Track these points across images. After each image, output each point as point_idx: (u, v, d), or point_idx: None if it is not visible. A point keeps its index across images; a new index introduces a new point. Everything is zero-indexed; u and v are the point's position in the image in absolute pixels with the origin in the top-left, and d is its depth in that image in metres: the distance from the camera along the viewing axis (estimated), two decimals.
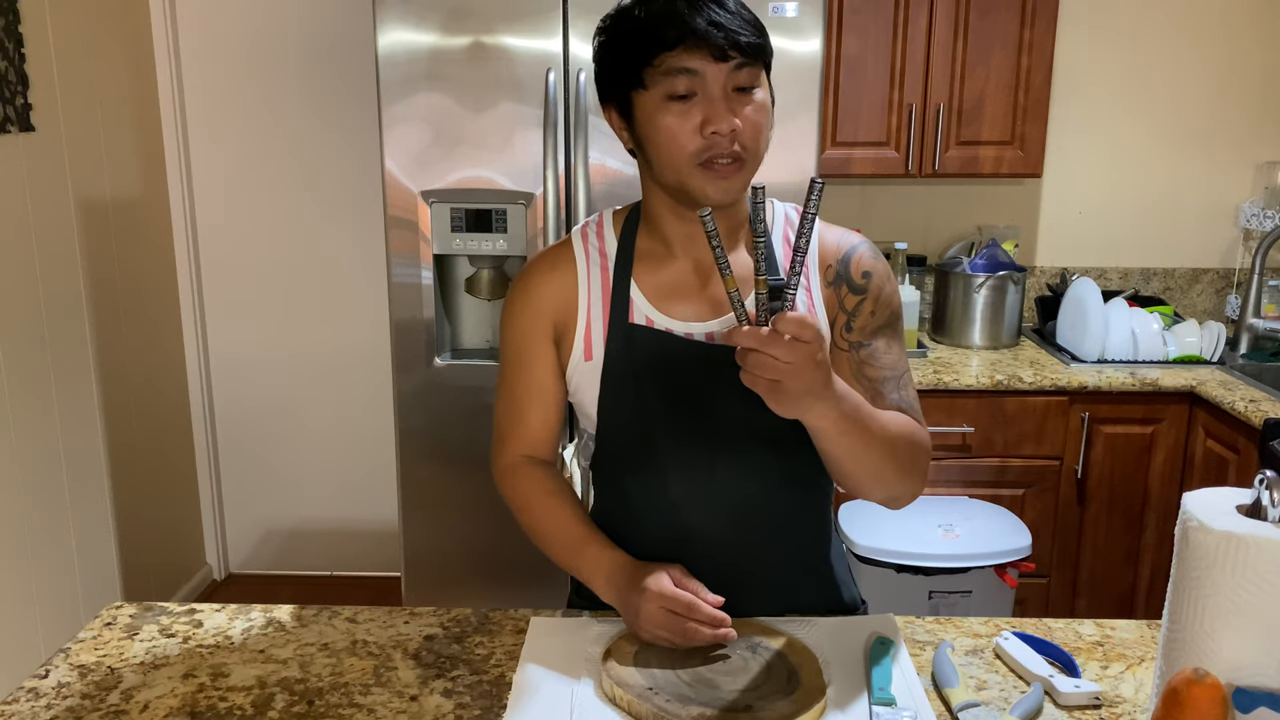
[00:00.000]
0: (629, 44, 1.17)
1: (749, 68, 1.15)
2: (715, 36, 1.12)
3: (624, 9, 1.19)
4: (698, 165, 1.16)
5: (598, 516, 1.34)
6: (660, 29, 1.13)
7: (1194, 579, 0.96)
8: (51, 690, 1.15)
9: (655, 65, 1.14)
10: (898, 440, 1.17)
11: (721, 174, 1.17)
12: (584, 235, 1.31)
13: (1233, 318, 3.12)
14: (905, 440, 1.19)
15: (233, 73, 3.19)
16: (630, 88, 1.18)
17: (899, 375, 1.27)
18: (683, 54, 1.13)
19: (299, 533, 3.53)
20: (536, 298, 1.29)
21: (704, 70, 1.13)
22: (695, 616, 1.14)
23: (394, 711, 1.11)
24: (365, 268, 3.26)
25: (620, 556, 1.23)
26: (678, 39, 1.12)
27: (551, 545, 1.29)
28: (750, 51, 1.14)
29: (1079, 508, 2.71)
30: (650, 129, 1.18)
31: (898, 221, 3.21)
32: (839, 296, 1.27)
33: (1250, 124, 3.15)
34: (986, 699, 1.13)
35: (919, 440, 1.23)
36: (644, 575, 1.18)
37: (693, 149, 1.16)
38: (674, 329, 1.25)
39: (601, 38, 1.21)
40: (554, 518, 1.30)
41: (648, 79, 1.15)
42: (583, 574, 1.26)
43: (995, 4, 2.74)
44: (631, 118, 1.20)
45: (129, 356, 3.03)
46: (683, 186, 1.19)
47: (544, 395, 1.31)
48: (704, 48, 1.12)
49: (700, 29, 1.12)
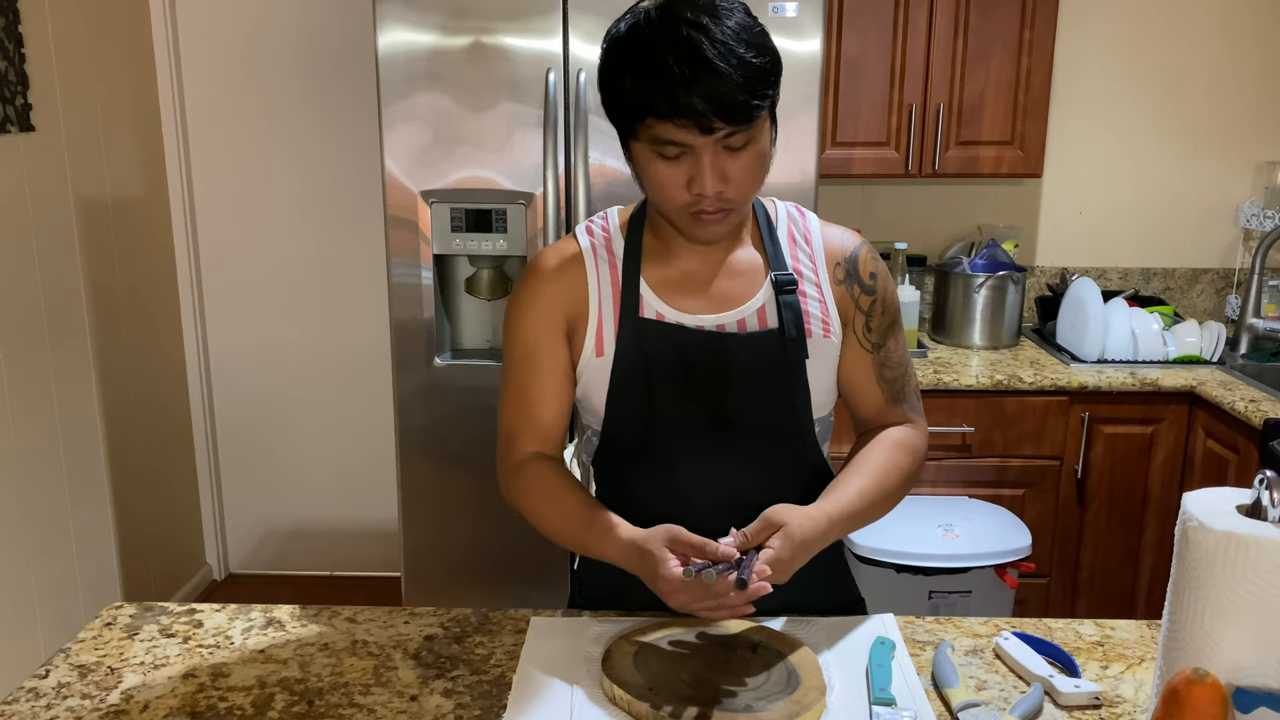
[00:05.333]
0: (621, 97, 1.15)
1: (741, 132, 1.13)
2: (704, 114, 1.09)
3: (621, 43, 1.15)
4: (688, 214, 1.19)
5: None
6: (650, 97, 1.10)
7: (1194, 579, 0.96)
8: (51, 690, 1.15)
9: (645, 125, 1.14)
10: (897, 488, 1.28)
11: (709, 222, 1.19)
12: (589, 233, 1.32)
13: (1233, 318, 3.12)
14: (901, 480, 1.28)
15: (233, 73, 3.19)
16: (624, 132, 1.19)
17: (906, 372, 1.34)
18: (670, 127, 1.11)
19: (299, 533, 3.53)
20: (547, 295, 1.28)
21: (691, 142, 1.12)
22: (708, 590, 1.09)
23: (394, 711, 1.11)
24: (365, 268, 3.26)
25: (624, 541, 1.17)
26: (666, 113, 1.10)
27: (562, 537, 1.26)
28: (743, 120, 1.11)
29: (1079, 508, 2.71)
30: (642, 172, 1.20)
31: (898, 221, 3.21)
32: (853, 296, 1.31)
33: (1250, 124, 3.15)
34: (986, 699, 1.13)
35: (916, 467, 1.31)
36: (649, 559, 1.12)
37: (681, 202, 1.18)
38: (685, 322, 1.26)
39: (600, 62, 1.19)
40: (559, 510, 1.25)
41: (639, 133, 1.16)
42: (605, 558, 1.21)
43: (995, 4, 2.74)
44: (628, 150, 1.21)
45: (129, 356, 3.03)
46: (673, 224, 1.23)
47: (558, 391, 1.29)
48: (691, 125, 1.10)
49: (688, 106, 1.08)
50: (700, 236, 1.22)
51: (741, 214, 1.22)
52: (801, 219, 1.34)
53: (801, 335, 1.26)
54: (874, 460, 1.27)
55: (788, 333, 1.25)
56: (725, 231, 1.23)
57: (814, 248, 1.32)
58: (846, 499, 1.21)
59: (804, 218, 1.34)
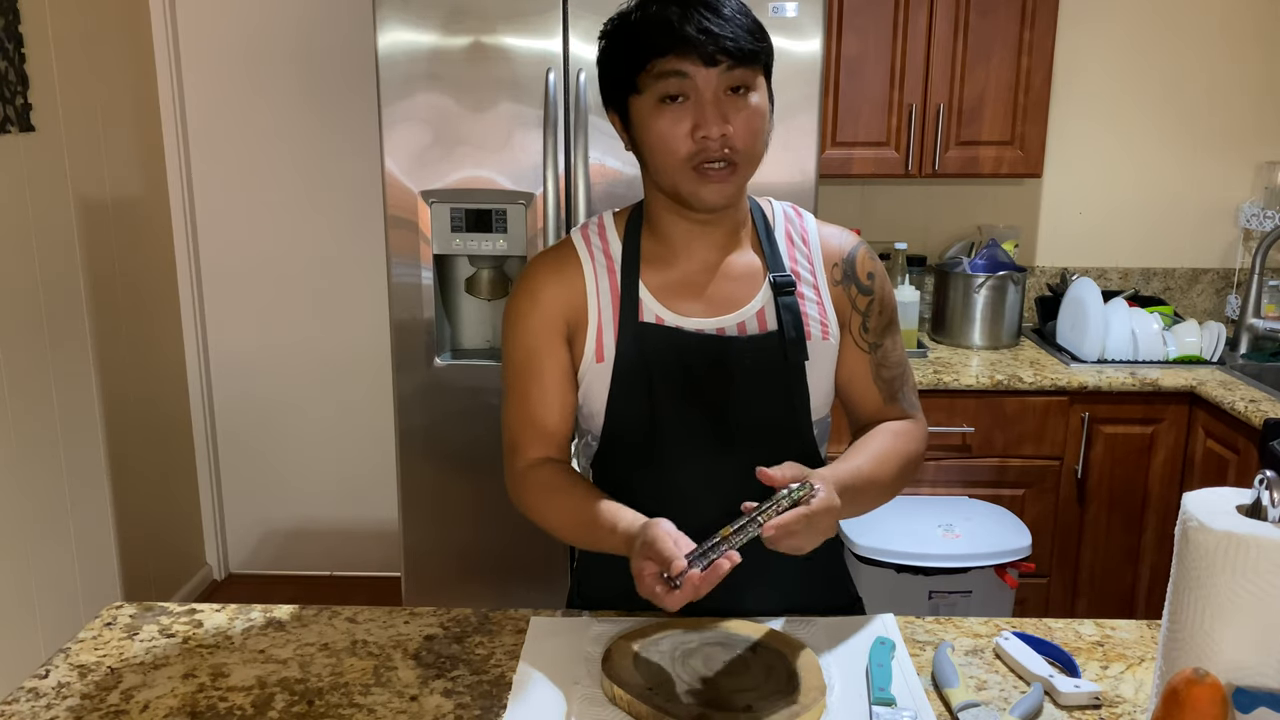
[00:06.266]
0: (624, 49, 1.20)
1: (742, 70, 1.16)
2: (704, 43, 1.14)
3: (622, 15, 1.21)
4: (691, 169, 1.18)
5: None
6: (652, 35, 1.16)
7: (1194, 579, 0.96)
8: (51, 690, 1.15)
9: (648, 69, 1.17)
10: (896, 474, 1.27)
11: (714, 178, 1.19)
12: (585, 237, 1.32)
13: (1233, 318, 3.12)
14: (900, 466, 1.28)
15: (233, 72, 3.19)
16: (627, 92, 1.21)
17: (904, 371, 1.35)
18: (673, 59, 1.15)
19: (299, 533, 3.53)
20: (545, 300, 1.28)
21: (694, 74, 1.15)
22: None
23: (394, 711, 1.11)
24: (365, 268, 3.26)
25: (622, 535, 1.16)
26: (668, 45, 1.15)
27: (571, 535, 1.26)
28: (741, 56, 1.15)
29: (1079, 508, 2.71)
30: (645, 133, 1.20)
31: (898, 221, 3.21)
32: (850, 297, 1.31)
33: (1250, 124, 3.15)
34: (986, 699, 1.13)
35: (914, 456, 1.31)
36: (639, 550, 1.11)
37: (685, 153, 1.18)
38: (684, 326, 1.26)
39: (602, 42, 1.24)
40: (565, 508, 1.24)
41: (641, 83, 1.18)
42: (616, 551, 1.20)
43: (995, 4, 2.74)
44: (629, 121, 1.23)
45: (129, 356, 3.03)
46: (677, 190, 1.21)
47: (560, 395, 1.29)
48: (693, 53, 1.14)
49: (689, 36, 1.14)
50: (706, 196, 1.20)
51: (745, 175, 1.22)
52: (799, 219, 1.34)
53: (801, 337, 1.26)
54: (871, 445, 1.27)
55: (787, 335, 1.25)
56: (730, 192, 1.21)
57: (811, 248, 1.32)
58: (845, 470, 1.18)
59: (801, 218, 1.34)
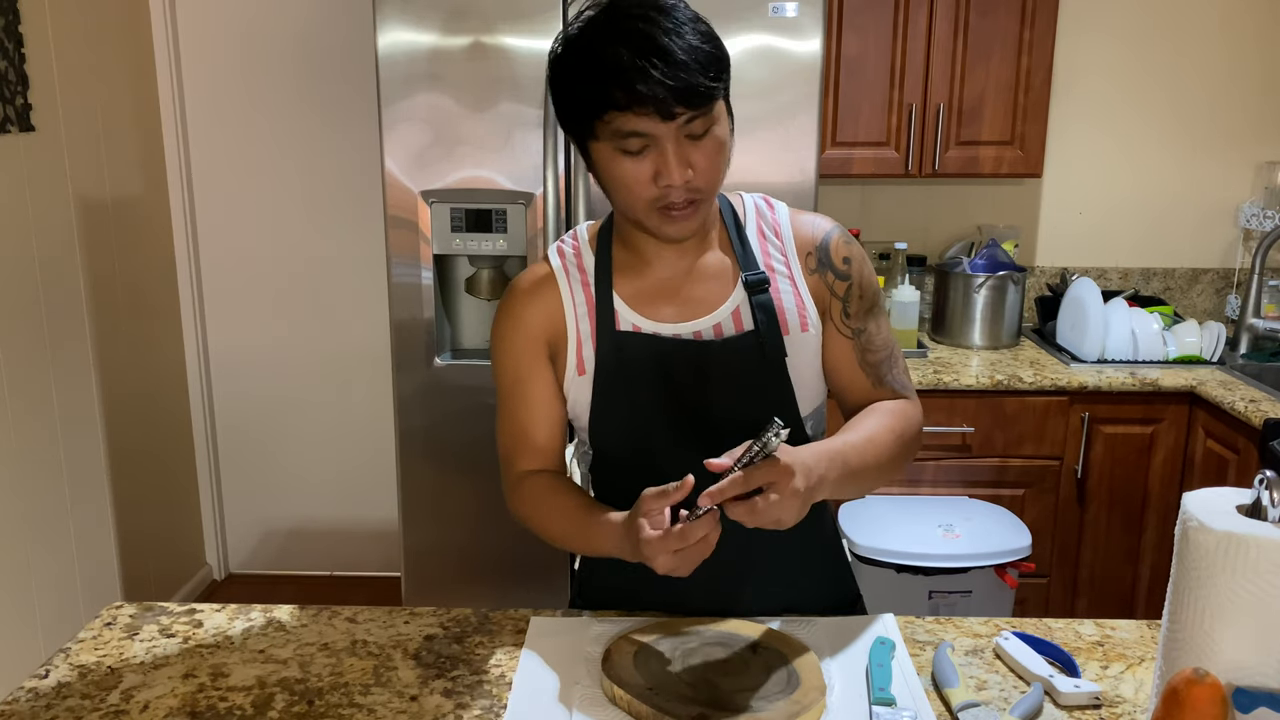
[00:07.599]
0: (578, 98, 1.15)
1: (701, 116, 1.13)
2: (662, 100, 1.09)
3: (568, 42, 1.16)
4: (655, 210, 1.18)
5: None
6: (608, 90, 1.11)
7: (1194, 579, 0.96)
8: (51, 690, 1.15)
9: (605, 121, 1.13)
10: (891, 452, 1.23)
11: (679, 217, 1.18)
12: (560, 253, 1.32)
13: (1233, 318, 3.12)
14: (895, 443, 1.24)
15: (233, 72, 3.19)
16: (583, 135, 1.18)
17: (891, 354, 1.32)
18: (631, 117, 1.11)
19: (299, 533, 3.53)
20: (525, 321, 1.29)
21: (653, 130, 1.12)
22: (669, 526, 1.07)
23: (394, 711, 1.11)
24: (365, 268, 3.26)
25: (614, 527, 1.17)
26: (624, 103, 1.10)
27: (566, 541, 1.27)
28: (700, 102, 1.12)
29: (1079, 508, 2.71)
30: (605, 175, 1.19)
31: (898, 221, 3.21)
32: (827, 284, 1.29)
33: (1250, 124, 3.15)
34: (986, 699, 1.13)
35: (909, 431, 1.27)
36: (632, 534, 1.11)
37: (648, 197, 1.17)
38: (661, 332, 1.26)
39: (551, 72, 1.19)
40: (557, 514, 1.26)
41: (599, 131, 1.15)
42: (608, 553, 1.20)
43: (995, 4, 2.74)
44: (589, 157, 1.21)
45: (129, 356, 3.03)
46: (641, 225, 1.21)
47: (548, 413, 1.30)
48: (651, 111, 1.10)
49: (644, 95, 1.09)
50: (671, 233, 1.20)
51: (708, 207, 1.21)
52: (770, 211, 1.32)
53: (778, 336, 1.25)
54: (859, 423, 1.24)
55: (763, 334, 1.25)
56: (695, 227, 1.21)
57: (784, 240, 1.30)
58: (822, 443, 1.17)
59: (773, 210, 1.33)
